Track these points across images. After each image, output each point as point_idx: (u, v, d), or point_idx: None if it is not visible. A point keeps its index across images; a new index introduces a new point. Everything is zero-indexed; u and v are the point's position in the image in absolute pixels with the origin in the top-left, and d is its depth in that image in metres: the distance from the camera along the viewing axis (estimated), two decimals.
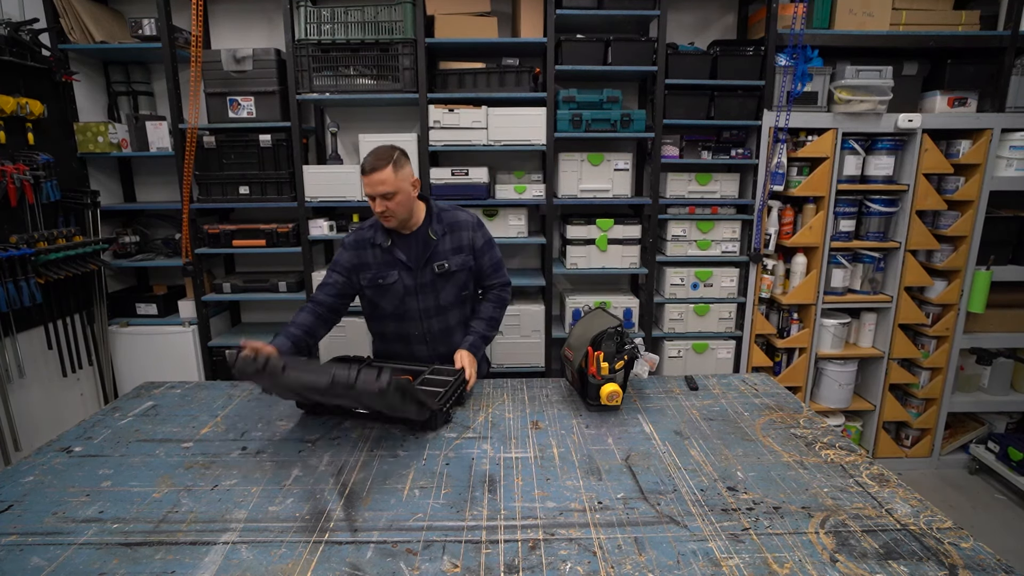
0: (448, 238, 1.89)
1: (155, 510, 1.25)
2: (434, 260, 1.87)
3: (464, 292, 1.95)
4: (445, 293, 1.91)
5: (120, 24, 2.97)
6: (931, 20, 2.80)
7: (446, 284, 1.90)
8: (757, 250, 2.96)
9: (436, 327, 1.93)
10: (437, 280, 1.88)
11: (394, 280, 1.86)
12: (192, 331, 2.99)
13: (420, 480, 1.36)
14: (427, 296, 1.89)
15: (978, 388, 3.26)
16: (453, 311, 1.95)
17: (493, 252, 1.98)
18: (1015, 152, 2.83)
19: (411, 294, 1.88)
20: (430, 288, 1.88)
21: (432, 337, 1.94)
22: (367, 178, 1.74)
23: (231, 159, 2.85)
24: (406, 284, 1.86)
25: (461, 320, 1.99)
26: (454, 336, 1.97)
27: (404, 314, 1.90)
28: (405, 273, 1.86)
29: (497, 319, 1.99)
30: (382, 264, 1.87)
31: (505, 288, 2.02)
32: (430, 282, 1.88)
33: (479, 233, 1.94)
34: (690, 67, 2.81)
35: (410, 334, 1.93)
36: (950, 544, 1.12)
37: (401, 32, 2.71)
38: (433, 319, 1.92)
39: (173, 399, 1.85)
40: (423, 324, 1.92)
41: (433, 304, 1.90)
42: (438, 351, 1.95)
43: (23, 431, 2.51)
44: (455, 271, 1.89)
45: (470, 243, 1.91)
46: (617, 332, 1.70)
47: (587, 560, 1.08)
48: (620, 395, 1.67)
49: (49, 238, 2.56)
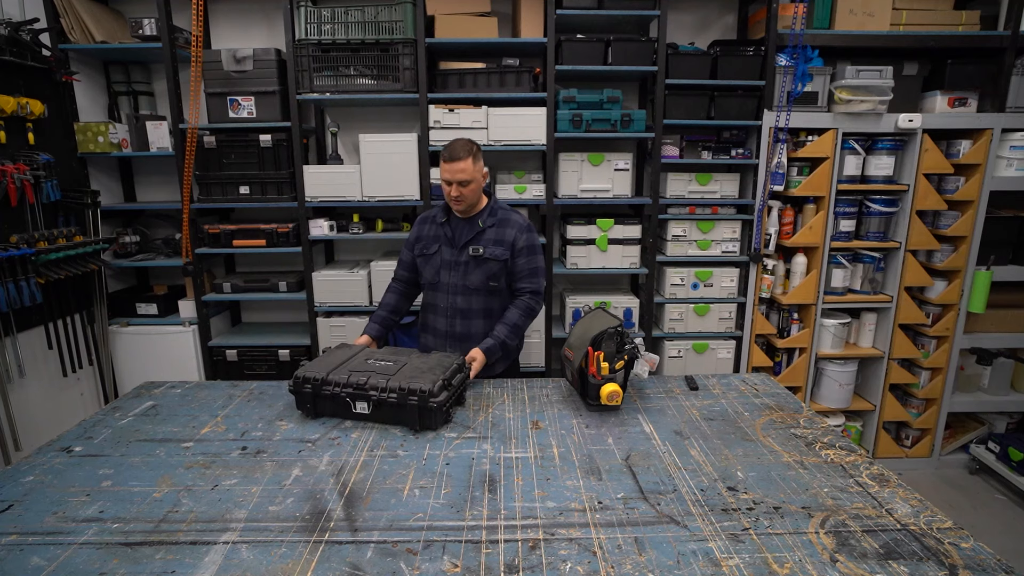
0: (494, 230, 2.06)
1: (155, 510, 1.25)
2: (473, 244, 2.05)
3: (492, 283, 2.07)
4: (474, 276, 2.06)
5: (120, 24, 2.97)
6: (931, 20, 2.80)
7: (477, 268, 2.05)
8: (757, 250, 2.96)
9: (460, 304, 2.08)
10: (471, 262, 2.05)
11: (435, 252, 2.09)
12: (192, 331, 2.99)
13: (420, 480, 1.36)
14: (458, 273, 2.07)
15: (978, 388, 3.26)
16: (478, 295, 2.07)
17: (532, 258, 2.09)
18: (1015, 152, 2.83)
19: (446, 268, 2.08)
20: (463, 268, 2.06)
21: (454, 312, 2.09)
22: (449, 165, 1.94)
23: (231, 159, 2.85)
24: (444, 258, 2.08)
25: (484, 308, 2.08)
26: (473, 320, 2.08)
27: (437, 285, 2.10)
28: (446, 248, 2.08)
29: (520, 327, 2.07)
30: (432, 238, 2.11)
31: (535, 296, 2.10)
32: (464, 262, 2.06)
33: (524, 235, 2.08)
34: (690, 67, 2.81)
35: (437, 305, 2.12)
36: (950, 544, 1.12)
37: (401, 32, 2.71)
38: (459, 296, 2.08)
39: (173, 399, 1.85)
40: (449, 298, 2.09)
41: (461, 283, 2.06)
42: (456, 330, 2.09)
43: (23, 431, 2.51)
44: (488, 259, 2.04)
45: (512, 241, 2.06)
46: (617, 332, 1.70)
47: (587, 560, 1.08)
48: (620, 395, 1.67)
49: (49, 238, 2.56)
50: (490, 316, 2.09)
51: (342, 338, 2.88)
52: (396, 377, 1.63)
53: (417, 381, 1.60)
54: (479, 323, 2.08)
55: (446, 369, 1.69)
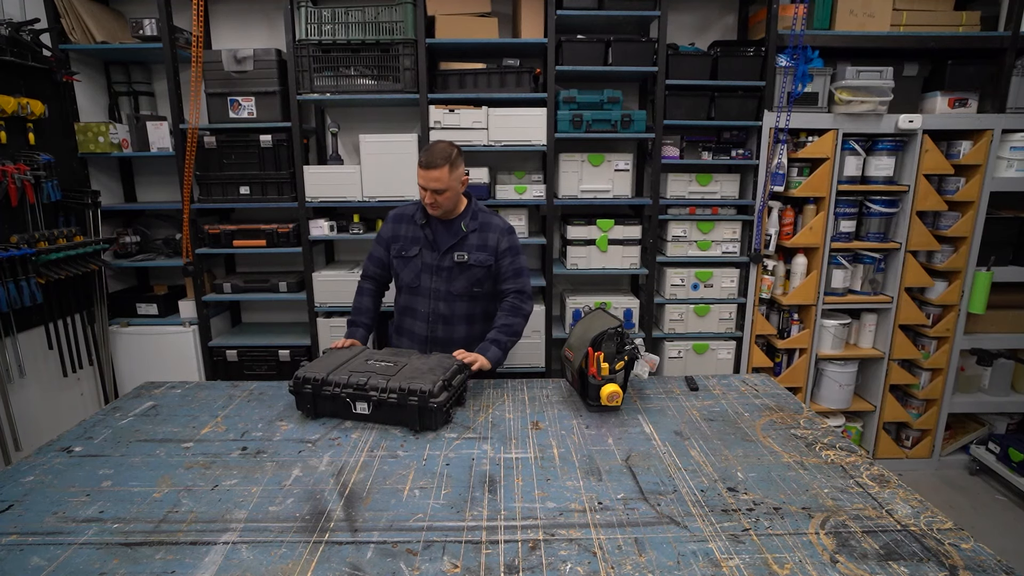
0: (477, 235, 2.03)
1: (155, 510, 1.25)
2: (457, 249, 2.01)
3: (476, 289, 2.04)
4: (457, 282, 2.02)
5: (121, 24, 2.97)
6: (932, 21, 2.80)
7: (461, 274, 2.02)
8: (757, 251, 2.96)
9: (442, 309, 2.04)
10: (454, 268, 2.02)
11: (415, 254, 2.04)
12: (192, 331, 2.99)
13: (420, 480, 1.36)
14: (441, 279, 2.03)
15: (978, 389, 3.26)
16: (461, 301, 2.04)
17: (516, 259, 2.06)
18: (1015, 153, 2.83)
19: (427, 272, 2.03)
20: (446, 273, 2.02)
21: (435, 317, 2.05)
22: (424, 172, 1.90)
23: (232, 159, 2.85)
24: (425, 261, 2.03)
25: (467, 313, 2.06)
26: (456, 325, 2.05)
27: (417, 288, 2.06)
28: (427, 251, 2.03)
29: (510, 325, 2.01)
30: (411, 239, 2.06)
31: (521, 296, 2.05)
32: (447, 268, 2.02)
33: (506, 238, 2.04)
34: (690, 68, 2.81)
35: (417, 309, 2.07)
36: (950, 545, 1.12)
37: (402, 32, 2.71)
38: (441, 302, 2.04)
39: (173, 399, 1.85)
40: (430, 303, 2.04)
41: (444, 288, 2.03)
42: (437, 335, 2.05)
43: (23, 431, 2.51)
44: (473, 265, 2.01)
45: (495, 245, 2.03)
46: (617, 332, 1.70)
47: (587, 561, 1.08)
48: (620, 395, 1.67)
49: (50, 238, 2.56)
50: (472, 322, 2.07)
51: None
52: (396, 378, 1.63)
53: (417, 382, 1.60)
54: (461, 328, 2.06)
55: (446, 370, 1.69)
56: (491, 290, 2.08)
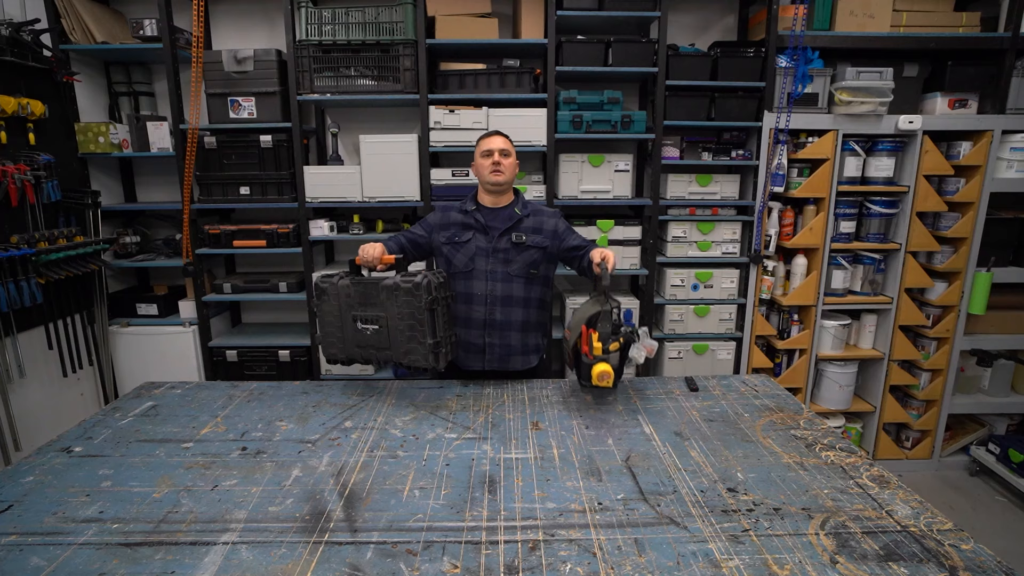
0: (531, 219, 2.08)
1: (155, 510, 1.25)
2: (514, 231, 2.05)
3: (532, 271, 2.06)
4: (515, 263, 2.04)
5: (121, 24, 2.97)
6: (932, 22, 2.80)
7: (518, 255, 2.04)
8: (757, 251, 2.96)
9: (500, 291, 2.04)
10: (511, 249, 2.04)
11: (468, 239, 2.06)
12: (192, 331, 2.99)
13: (420, 480, 1.36)
14: (498, 260, 2.04)
15: (978, 390, 3.26)
16: (518, 283, 2.05)
17: (576, 233, 2.11)
18: (1015, 154, 2.83)
19: (482, 255, 2.04)
20: (502, 254, 2.04)
21: (493, 300, 2.04)
22: (488, 139, 2.03)
23: (232, 159, 2.85)
24: (479, 245, 2.05)
25: (524, 296, 2.07)
26: (514, 307, 2.06)
27: (471, 272, 2.05)
28: (480, 235, 2.05)
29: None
30: (462, 225, 2.08)
31: (594, 243, 2.09)
32: (504, 249, 2.04)
33: (561, 221, 2.11)
34: (691, 68, 2.81)
35: (473, 294, 2.06)
36: (950, 546, 1.12)
37: (402, 33, 2.71)
38: (499, 283, 2.04)
39: (173, 399, 1.85)
40: (487, 285, 2.04)
41: (502, 269, 2.04)
42: (495, 317, 2.04)
43: (23, 431, 2.51)
44: (530, 246, 2.05)
45: (552, 228, 2.07)
46: (613, 313, 1.68)
47: (587, 561, 1.08)
48: (611, 375, 1.64)
49: (50, 238, 2.56)
50: (528, 305, 2.08)
51: None
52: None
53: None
54: (519, 311, 2.06)
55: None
56: (546, 274, 2.11)
